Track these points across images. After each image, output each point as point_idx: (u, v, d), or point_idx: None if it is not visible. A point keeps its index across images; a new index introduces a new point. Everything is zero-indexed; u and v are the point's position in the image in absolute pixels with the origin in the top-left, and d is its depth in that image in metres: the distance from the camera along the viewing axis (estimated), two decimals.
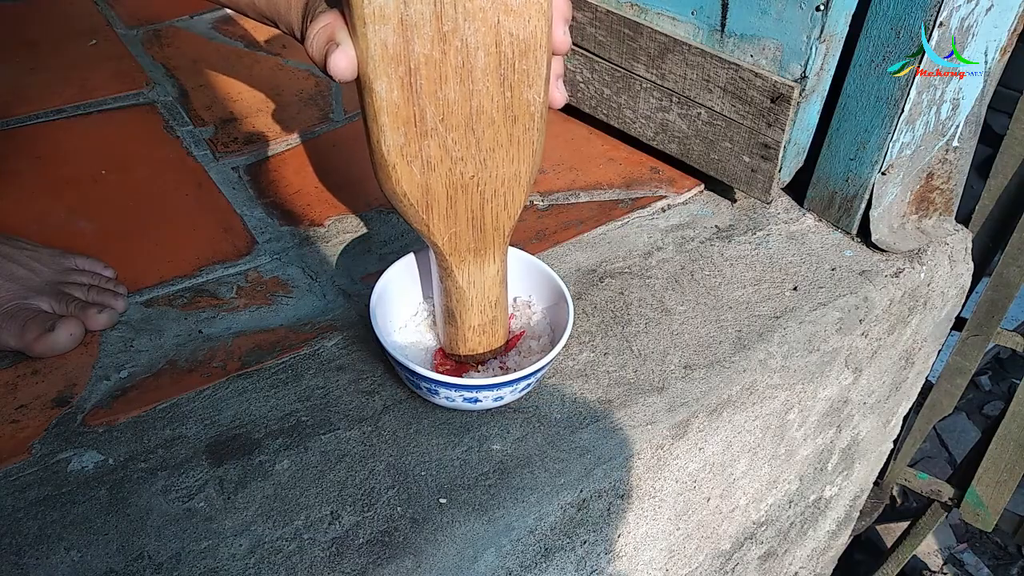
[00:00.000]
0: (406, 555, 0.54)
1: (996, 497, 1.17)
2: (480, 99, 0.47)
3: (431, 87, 0.45)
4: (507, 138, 0.49)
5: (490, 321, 0.59)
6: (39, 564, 0.51)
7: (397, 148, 0.47)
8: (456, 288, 0.56)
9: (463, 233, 0.53)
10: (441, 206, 0.51)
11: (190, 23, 1.12)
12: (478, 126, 0.48)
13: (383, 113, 0.46)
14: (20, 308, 0.64)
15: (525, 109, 0.48)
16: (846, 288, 0.76)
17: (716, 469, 0.73)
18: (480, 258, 0.55)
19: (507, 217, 0.53)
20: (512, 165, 0.50)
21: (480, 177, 0.50)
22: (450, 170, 0.49)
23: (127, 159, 0.87)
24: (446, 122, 0.47)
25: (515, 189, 0.52)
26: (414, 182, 0.49)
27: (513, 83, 0.47)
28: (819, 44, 0.72)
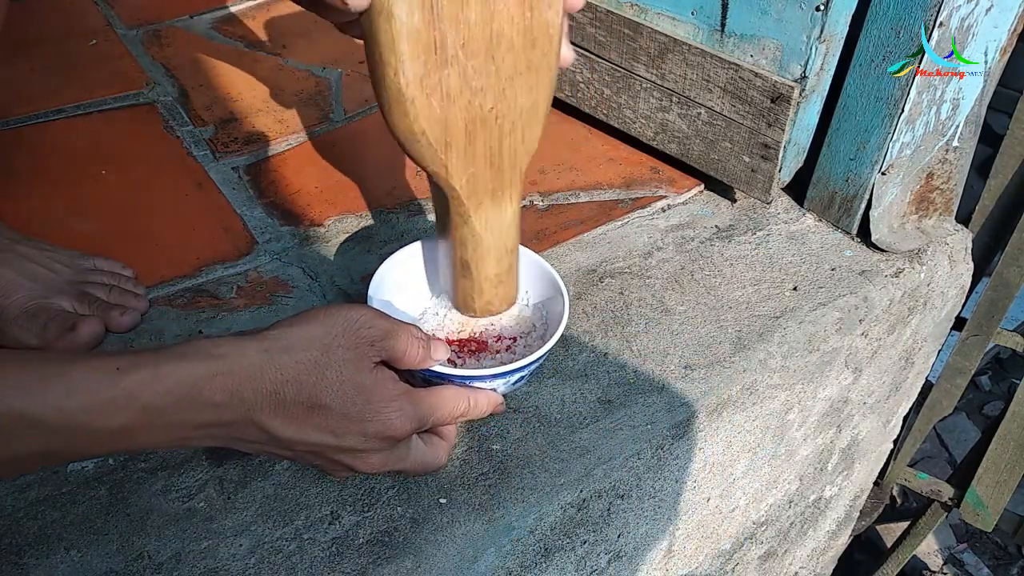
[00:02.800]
0: (406, 555, 0.54)
1: (996, 497, 1.17)
2: (501, 21, 0.45)
3: (453, 9, 0.43)
4: (526, 65, 0.47)
5: (506, 269, 0.56)
6: (39, 564, 0.51)
7: (416, 79, 0.44)
8: (472, 235, 0.53)
9: (481, 173, 0.50)
10: (460, 143, 0.48)
11: (190, 23, 1.12)
12: (498, 52, 0.46)
13: (402, 40, 0.43)
14: (41, 308, 0.63)
15: (544, 31, 0.46)
16: (846, 288, 0.76)
17: (716, 469, 0.73)
18: (497, 200, 0.52)
19: (524, 152, 0.51)
20: (531, 95, 0.48)
21: (499, 109, 0.48)
22: (469, 102, 0.47)
23: (127, 159, 0.87)
24: (467, 48, 0.45)
25: (532, 121, 0.50)
26: (433, 117, 0.46)
27: (533, 3, 0.45)
28: (819, 44, 0.72)
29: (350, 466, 0.49)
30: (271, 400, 0.44)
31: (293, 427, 0.46)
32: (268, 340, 0.46)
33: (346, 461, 0.49)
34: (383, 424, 0.47)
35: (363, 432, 0.47)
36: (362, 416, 0.47)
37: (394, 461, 0.50)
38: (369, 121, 0.95)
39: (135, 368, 0.41)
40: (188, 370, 0.43)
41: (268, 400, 0.44)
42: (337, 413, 0.46)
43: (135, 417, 0.41)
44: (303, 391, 0.45)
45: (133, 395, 0.41)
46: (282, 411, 0.45)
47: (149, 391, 0.41)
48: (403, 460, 0.51)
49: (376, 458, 0.49)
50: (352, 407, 0.46)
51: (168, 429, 0.43)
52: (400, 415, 0.48)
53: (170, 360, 0.43)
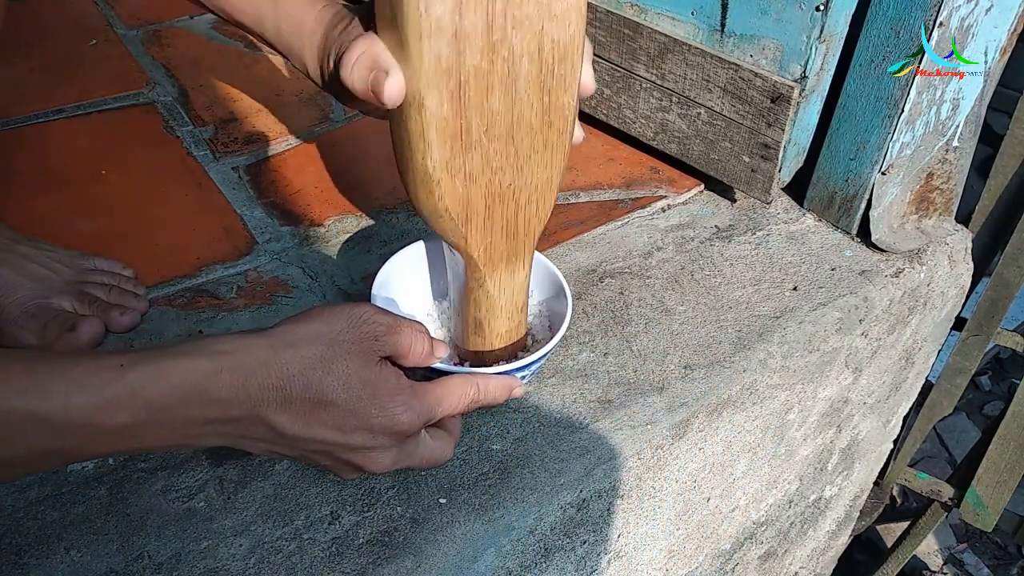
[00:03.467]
0: (406, 555, 0.54)
1: (996, 497, 1.17)
2: (521, 107, 0.47)
3: (478, 98, 0.46)
4: (543, 144, 0.50)
5: (516, 326, 0.59)
6: (39, 564, 0.51)
7: (443, 163, 0.47)
8: (487, 297, 0.56)
9: (497, 242, 0.53)
10: (479, 217, 0.51)
11: (190, 23, 1.12)
12: (518, 134, 0.48)
13: (431, 128, 0.46)
14: (41, 308, 0.63)
15: (560, 113, 0.49)
16: (846, 288, 0.76)
17: (716, 469, 0.73)
18: (511, 265, 0.55)
19: (538, 222, 0.54)
20: (546, 170, 0.51)
21: (516, 184, 0.51)
22: (490, 180, 0.50)
23: (127, 159, 0.87)
24: (490, 133, 0.47)
25: (547, 193, 0.53)
26: (456, 196, 0.49)
27: (552, 88, 0.47)
28: (819, 44, 0.72)
29: (359, 466, 0.49)
30: (277, 395, 0.44)
31: (300, 424, 0.45)
32: (273, 336, 0.46)
33: (355, 460, 0.48)
34: (389, 419, 0.47)
35: (370, 428, 0.47)
36: (368, 411, 0.46)
37: (403, 458, 0.50)
38: (369, 121, 0.95)
39: (139, 365, 0.41)
40: (193, 366, 0.42)
41: (274, 395, 0.44)
42: (343, 409, 0.46)
43: (140, 414, 0.41)
44: (310, 386, 0.45)
45: (137, 392, 0.41)
46: (289, 407, 0.45)
47: (154, 388, 0.41)
48: (411, 456, 0.51)
49: (385, 457, 0.49)
50: (358, 402, 0.46)
51: (174, 426, 0.43)
52: (406, 409, 0.48)
53: (175, 356, 0.42)
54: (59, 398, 0.39)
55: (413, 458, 0.51)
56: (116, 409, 0.40)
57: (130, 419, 0.41)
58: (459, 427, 0.56)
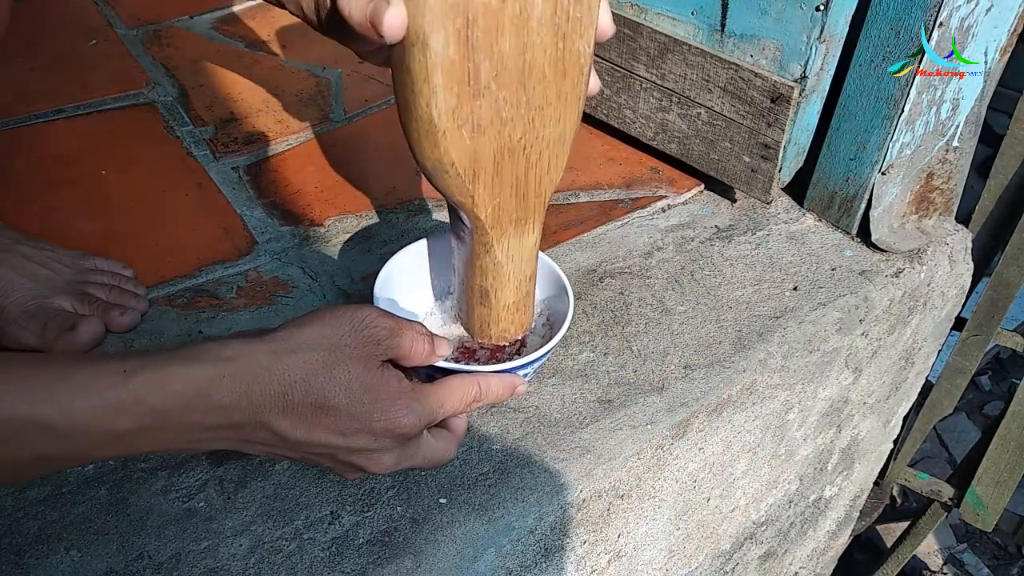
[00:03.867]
0: (406, 555, 0.54)
1: (996, 497, 1.17)
2: (534, 52, 0.44)
3: (487, 40, 0.42)
4: (556, 95, 0.46)
5: (524, 296, 0.56)
6: (39, 564, 0.51)
7: (449, 111, 0.44)
8: (494, 264, 0.53)
9: (506, 202, 0.50)
10: (487, 174, 0.48)
11: (190, 23, 1.12)
12: (529, 82, 0.45)
13: (437, 72, 0.42)
14: (41, 307, 0.63)
15: (575, 61, 0.46)
16: (846, 288, 0.76)
17: (716, 469, 0.73)
18: (520, 229, 0.52)
19: (549, 182, 0.51)
20: (559, 125, 0.48)
21: (527, 139, 0.47)
22: (499, 132, 0.46)
23: (127, 159, 0.87)
24: (499, 79, 0.44)
25: (559, 151, 0.49)
26: (463, 148, 0.46)
27: (567, 32, 0.44)
28: (819, 44, 0.72)
29: (362, 467, 0.49)
30: (280, 401, 0.44)
31: (302, 428, 0.45)
32: (276, 341, 0.46)
33: (358, 462, 0.49)
34: (391, 422, 0.47)
35: (371, 431, 0.47)
36: (370, 415, 0.47)
37: (405, 459, 0.50)
38: (369, 121, 0.95)
39: (142, 370, 0.41)
40: (196, 372, 0.42)
41: (277, 401, 0.44)
42: (345, 413, 0.46)
43: (143, 419, 0.41)
44: (311, 391, 0.45)
45: (140, 397, 0.41)
46: (291, 412, 0.45)
47: (157, 393, 0.41)
48: (413, 457, 0.51)
49: (387, 458, 0.49)
50: (360, 406, 0.46)
51: (176, 431, 0.43)
52: (408, 412, 0.48)
53: (177, 362, 0.42)
54: (62, 404, 0.39)
55: (415, 458, 0.51)
56: (119, 415, 0.40)
57: (133, 424, 0.41)
58: (463, 426, 0.56)
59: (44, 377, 0.39)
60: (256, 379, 0.44)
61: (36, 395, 0.39)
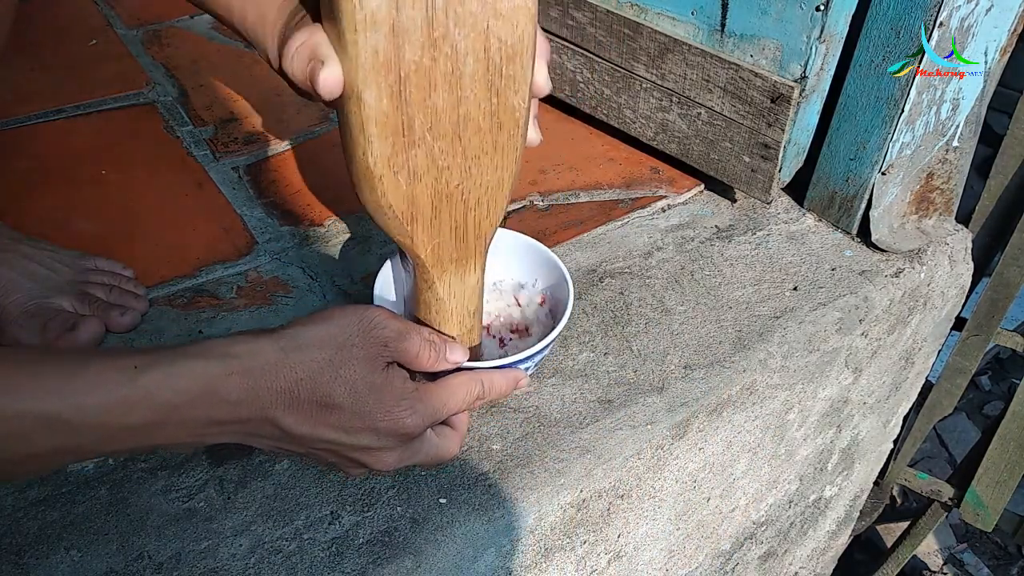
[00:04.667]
0: (406, 555, 0.54)
1: (996, 497, 1.17)
2: (468, 106, 0.46)
3: (420, 95, 0.45)
4: (492, 145, 0.49)
5: (467, 331, 0.58)
6: (39, 564, 0.51)
7: (384, 159, 0.46)
8: (436, 300, 0.55)
9: (446, 243, 0.52)
10: (425, 217, 0.50)
11: (190, 23, 1.12)
12: (464, 134, 0.47)
13: (371, 123, 0.45)
14: (41, 307, 0.63)
15: (511, 115, 0.48)
16: (846, 288, 0.76)
17: (716, 469, 0.73)
18: (461, 268, 0.54)
19: (488, 225, 0.53)
20: (496, 172, 0.50)
21: (465, 185, 0.50)
22: (435, 179, 0.49)
23: (127, 159, 0.87)
24: (434, 130, 0.47)
25: (498, 196, 0.51)
26: (399, 193, 0.48)
27: (500, 88, 0.46)
28: (819, 44, 0.72)
29: (365, 464, 0.50)
30: (286, 398, 0.45)
31: (307, 425, 0.46)
32: (284, 339, 0.46)
33: (361, 459, 0.49)
34: (394, 422, 0.48)
35: (375, 430, 0.48)
36: (373, 415, 0.47)
37: (408, 457, 0.51)
38: None
39: (152, 367, 0.42)
40: (204, 368, 0.43)
41: (283, 398, 0.45)
42: (349, 412, 0.47)
43: (152, 415, 0.42)
44: (317, 389, 0.46)
45: (150, 393, 0.41)
46: (296, 409, 0.46)
47: (166, 389, 0.42)
48: (416, 455, 0.51)
49: (390, 456, 0.50)
50: (364, 406, 0.47)
51: (184, 426, 0.43)
52: (411, 413, 0.48)
53: (187, 358, 0.43)
54: (73, 399, 0.40)
55: (418, 456, 0.52)
56: (130, 410, 0.41)
57: (143, 420, 0.41)
58: (466, 423, 0.57)
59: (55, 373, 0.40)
60: (263, 375, 0.44)
61: (48, 391, 0.39)
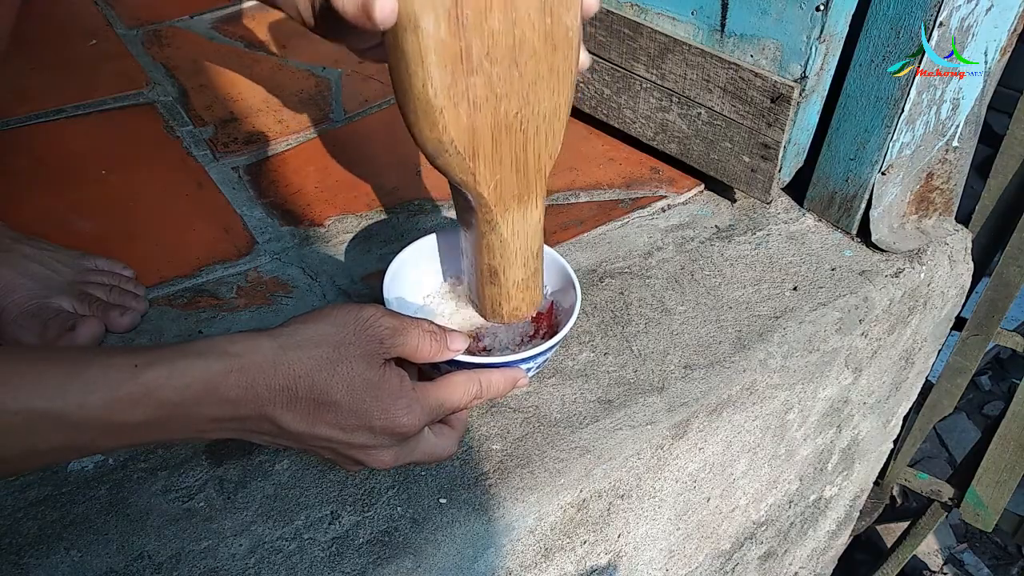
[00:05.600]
0: (406, 555, 0.54)
1: (996, 497, 1.17)
2: (523, 28, 0.45)
3: (477, 18, 0.44)
4: (548, 69, 0.48)
5: (532, 273, 0.57)
6: (39, 564, 0.51)
7: (444, 89, 0.45)
8: (500, 242, 0.54)
9: (507, 178, 0.51)
10: (486, 150, 0.49)
11: (190, 23, 1.12)
12: (521, 58, 0.46)
13: (430, 52, 0.44)
14: (41, 307, 0.63)
15: (564, 36, 0.47)
16: (846, 288, 0.76)
17: (716, 469, 0.73)
18: (523, 204, 0.53)
19: (548, 156, 0.52)
20: (552, 98, 0.49)
21: (523, 114, 0.49)
22: (495, 109, 0.48)
23: (127, 159, 0.87)
24: (491, 56, 0.45)
25: (555, 124, 0.51)
26: (461, 126, 0.47)
27: (553, 8, 0.46)
28: (819, 44, 0.72)
29: (361, 461, 0.50)
30: (284, 395, 0.46)
31: (304, 423, 0.47)
32: (282, 337, 0.47)
33: (357, 456, 0.50)
34: (391, 421, 0.48)
35: (371, 428, 0.48)
36: (370, 413, 0.48)
37: (404, 456, 0.51)
38: (369, 121, 0.95)
39: (153, 365, 0.42)
40: (204, 366, 0.44)
41: (281, 395, 0.45)
42: (346, 410, 0.47)
43: (153, 412, 0.42)
44: (315, 387, 0.46)
45: (151, 391, 0.42)
46: (294, 406, 0.46)
47: (167, 387, 0.42)
48: (413, 453, 0.52)
49: (386, 454, 0.50)
50: (361, 404, 0.47)
51: (184, 422, 0.44)
52: (407, 412, 0.49)
53: (187, 356, 0.44)
54: (75, 397, 0.40)
55: (415, 455, 0.52)
56: (131, 408, 0.42)
57: (144, 417, 0.42)
58: (465, 422, 0.57)
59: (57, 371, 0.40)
60: (261, 373, 0.45)
61: (51, 389, 0.40)
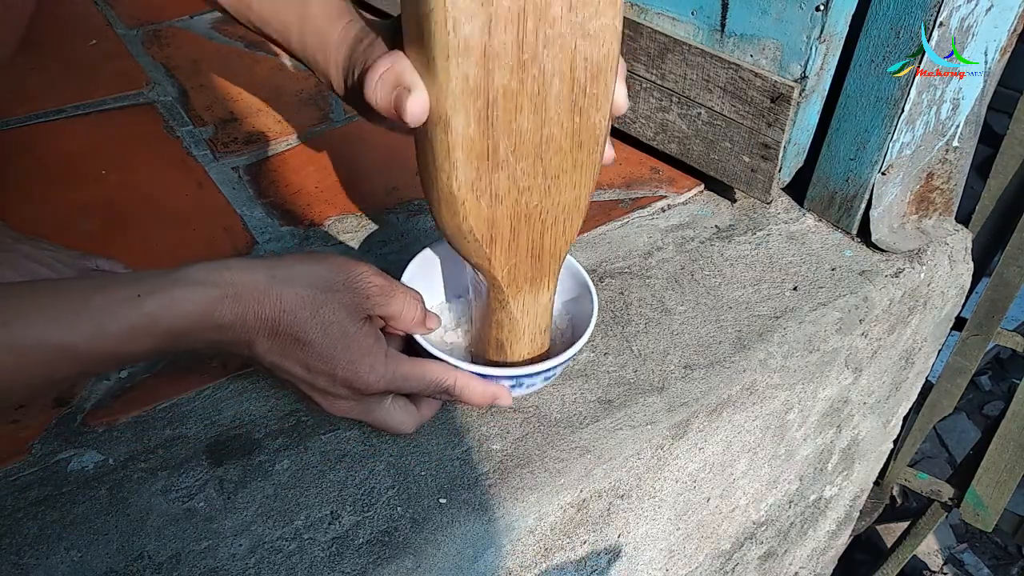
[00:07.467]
0: (406, 555, 0.54)
1: (996, 497, 1.17)
2: (551, 127, 0.46)
3: (506, 118, 0.45)
4: (571, 164, 0.49)
5: (538, 348, 0.58)
6: (39, 564, 0.51)
7: (468, 183, 0.46)
8: (509, 319, 0.55)
9: (522, 263, 0.52)
10: (504, 238, 0.50)
11: (190, 23, 1.12)
12: (546, 154, 0.47)
13: (457, 149, 0.45)
14: None
15: (591, 133, 0.48)
16: (846, 288, 0.76)
17: (716, 469, 0.73)
18: (535, 287, 0.54)
19: (564, 243, 0.53)
20: (574, 191, 0.50)
21: (543, 205, 0.50)
22: (516, 201, 0.48)
23: (127, 159, 0.87)
24: (517, 152, 0.46)
25: (574, 214, 0.52)
26: (481, 217, 0.48)
27: (583, 107, 0.46)
28: (819, 44, 0.72)
29: (319, 404, 0.53)
30: (268, 325, 0.48)
31: (276, 354, 0.49)
32: (276, 268, 0.49)
33: (316, 398, 0.53)
34: (352, 373, 0.50)
35: (332, 376, 0.50)
36: (337, 360, 0.50)
37: (359, 412, 0.54)
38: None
39: (154, 294, 0.45)
40: (204, 294, 0.47)
41: (265, 325, 0.48)
42: (316, 352, 0.49)
43: (155, 341, 0.45)
44: (294, 323, 0.49)
45: (156, 320, 0.45)
46: (273, 337, 0.49)
47: (169, 316, 0.45)
48: (369, 414, 0.54)
49: (343, 404, 0.53)
50: (331, 350, 0.50)
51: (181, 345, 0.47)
52: (371, 371, 0.51)
53: (186, 285, 0.47)
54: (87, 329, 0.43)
55: (370, 416, 0.54)
56: (138, 338, 0.45)
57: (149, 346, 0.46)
58: (433, 409, 0.59)
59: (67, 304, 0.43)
60: (253, 302, 0.48)
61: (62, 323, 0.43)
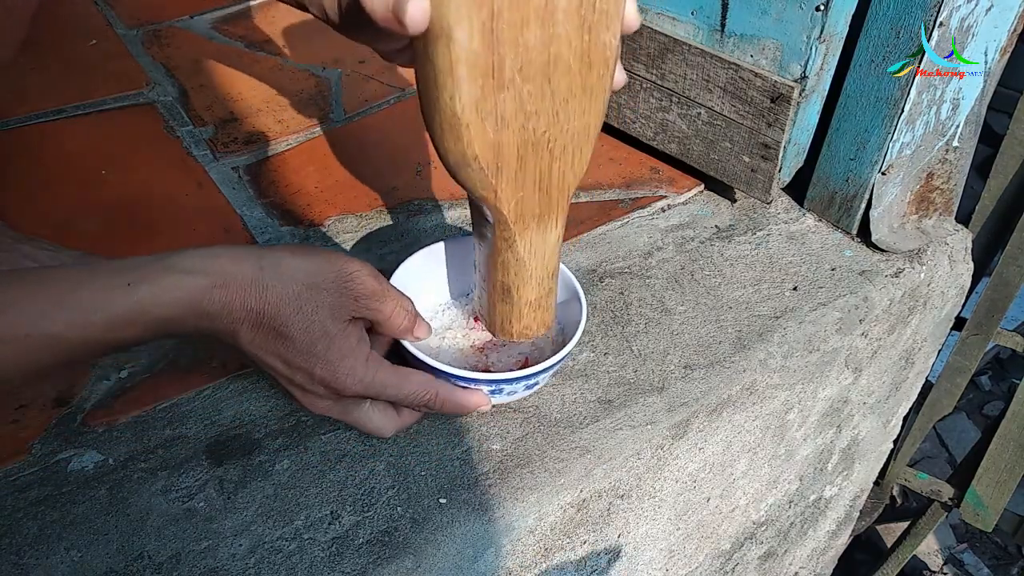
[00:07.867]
0: (406, 555, 0.54)
1: (996, 497, 1.17)
2: (559, 45, 0.44)
3: (512, 32, 0.42)
4: (581, 87, 0.46)
5: (546, 293, 0.56)
6: (39, 564, 0.51)
7: (472, 104, 0.43)
8: (516, 260, 0.52)
9: (529, 197, 0.50)
10: (511, 168, 0.47)
11: (190, 23, 1.12)
12: (554, 75, 0.45)
13: (461, 64, 0.42)
14: None
15: (601, 54, 0.45)
16: (846, 288, 0.76)
17: (716, 469, 0.73)
18: (543, 224, 0.52)
19: (573, 176, 0.51)
20: (583, 117, 0.47)
21: (552, 132, 0.47)
22: (523, 126, 0.46)
23: (127, 159, 0.87)
24: (524, 72, 0.44)
25: (583, 144, 0.49)
26: (486, 142, 0.45)
27: (592, 24, 0.44)
28: (819, 44, 0.72)
29: (297, 399, 0.54)
30: (252, 317, 0.49)
31: (257, 346, 0.50)
32: (264, 259, 0.49)
33: (294, 393, 0.53)
34: (330, 374, 0.50)
35: (311, 374, 0.51)
36: (316, 359, 0.50)
37: (337, 412, 0.54)
38: (369, 121, 0.95)
39: (143, 283, 0.45)
40: (192, 283, 0.47)
41: (250, 316, 0.49)
42: (296, 348, 0.50)
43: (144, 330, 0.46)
44: (277, 318, 0.49)
45: (146, 309, 0.45)
46: (256, 329, 0.49)
47: (159, 304, 0.46)
48: (347, 415, 0.55)
49: (320, 403, 0.53)
50: (311, 348, 0.50)
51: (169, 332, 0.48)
52: (349, 374, 0.51)
53: (175, 273, 0.47)
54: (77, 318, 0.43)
55: (348, 417, 0.55)
56: (127, 328, 0.45)
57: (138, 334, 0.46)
58: (415, 418, 0.59)
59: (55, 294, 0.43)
60: (240, 292, 0.48)
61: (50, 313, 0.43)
